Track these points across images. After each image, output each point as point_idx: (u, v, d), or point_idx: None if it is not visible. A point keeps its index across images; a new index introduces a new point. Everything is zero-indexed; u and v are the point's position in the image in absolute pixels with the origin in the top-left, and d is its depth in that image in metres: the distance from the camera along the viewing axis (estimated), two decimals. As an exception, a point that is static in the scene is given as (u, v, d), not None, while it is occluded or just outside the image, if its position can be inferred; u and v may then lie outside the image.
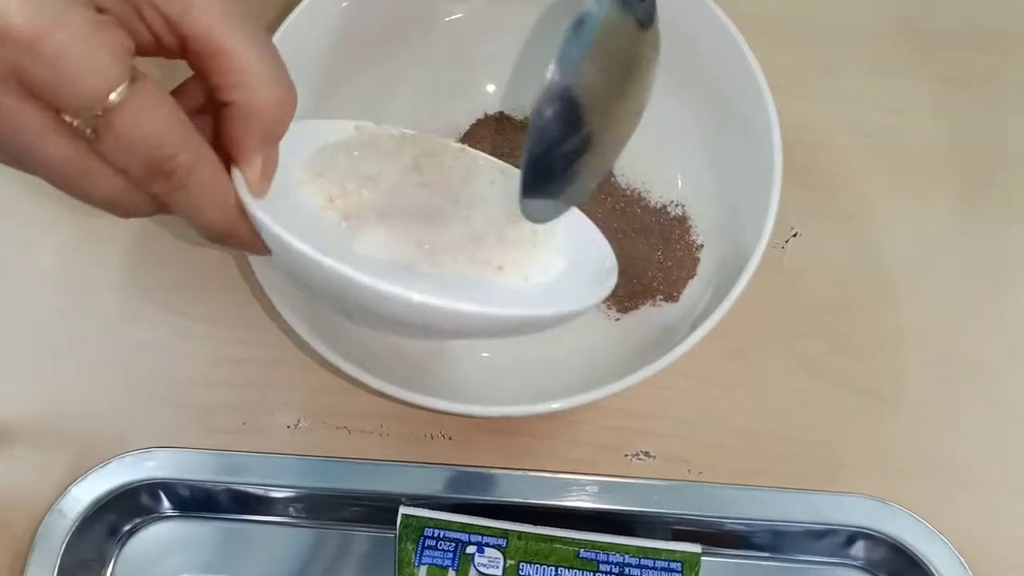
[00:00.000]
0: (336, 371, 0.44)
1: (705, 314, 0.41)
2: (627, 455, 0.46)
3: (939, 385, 0.47)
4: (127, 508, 0.45)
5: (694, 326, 0.41)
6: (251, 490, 0.45)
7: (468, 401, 0.40)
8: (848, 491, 0.44)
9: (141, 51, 0.29)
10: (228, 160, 0.32)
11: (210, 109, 0.33)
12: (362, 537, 0.46)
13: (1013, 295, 0.49)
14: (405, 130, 0.41)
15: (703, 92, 0.47)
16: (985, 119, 0.52)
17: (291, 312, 0.40)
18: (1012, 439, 0.46)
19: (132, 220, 0.50)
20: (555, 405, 0.40)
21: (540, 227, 0.39)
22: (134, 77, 0.27)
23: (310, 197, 0.37)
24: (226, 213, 0.32)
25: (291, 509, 0.46)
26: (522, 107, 0.51)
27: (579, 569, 0.41)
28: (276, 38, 0.44)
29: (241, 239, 0.33)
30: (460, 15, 0.49)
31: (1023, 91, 0.53)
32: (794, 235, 0.50)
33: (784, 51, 0.53)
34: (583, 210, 0.42)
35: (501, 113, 0.51)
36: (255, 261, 0.41)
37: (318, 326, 0.41)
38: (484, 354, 0.47)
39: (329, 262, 0.31)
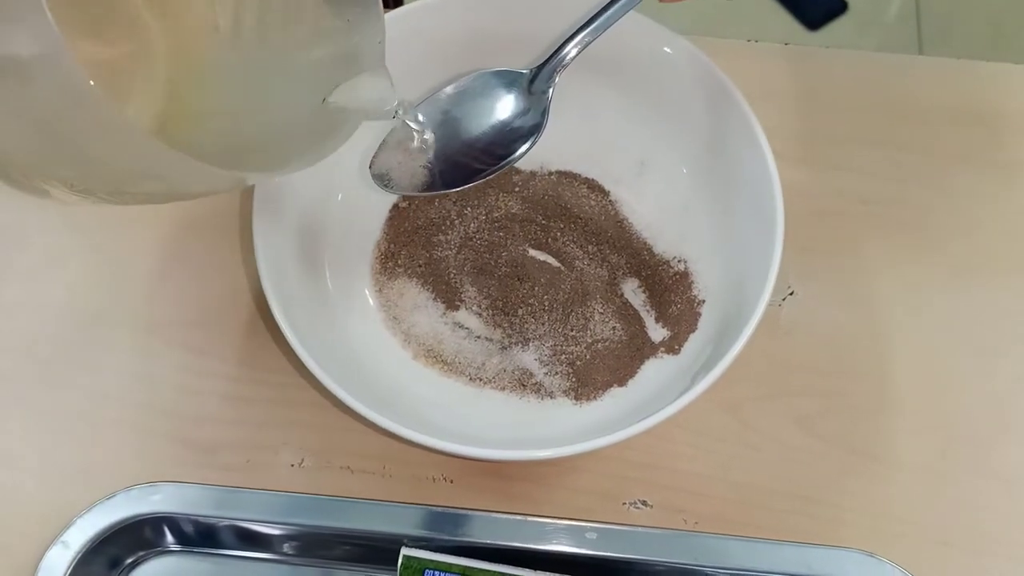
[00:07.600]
0: (341, 412, 0.45)
1: (706, 368, 0.43)
2: (625, 503, 0.47)
3: (931, 449, 0.48)
4: (130, 541, 0.46)
5: (695, 380, 0.42)
6: (254, 527, 0.46)
7: (470, 444, 0.41)
8: (840, 545, 0.45)
9: None
10: None
11: None
12: (362, 577, 0.47)
13: (1005, 362, 0.50)
14: None
15: (710, 157, 0.49)
16: (979, 191, 0.54)
17: (304, 349, 0.42)
18: (1001, 505, 0.47)
19: (147, 253, 0.51)
20: (564, 451, 0.41)
21: None
22: None
23: None
24: None
25: (293, 547, 0.46)
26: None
27: (576, 615, 0.42)
28: None
29: None
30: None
31: (1014, 167, 0.55)
32: (791, 293, 0.51)
33: (789, 120, 0.55)
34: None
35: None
36: (271, 293, 0.43)
37: (337, 371, 0.42)
38: (487, 402, 0.48)
39: None
